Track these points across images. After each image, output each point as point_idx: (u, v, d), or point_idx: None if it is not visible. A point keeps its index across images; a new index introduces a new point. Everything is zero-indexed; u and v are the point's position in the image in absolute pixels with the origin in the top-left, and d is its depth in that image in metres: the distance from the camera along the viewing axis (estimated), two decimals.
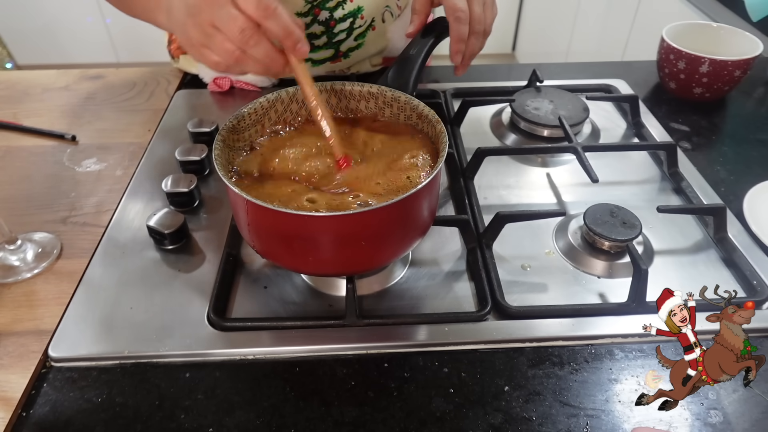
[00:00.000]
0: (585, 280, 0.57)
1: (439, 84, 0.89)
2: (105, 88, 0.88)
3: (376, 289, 0.56)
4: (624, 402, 0.47)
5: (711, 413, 0.46)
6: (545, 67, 0.89)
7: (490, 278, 0.56)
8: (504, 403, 0.47)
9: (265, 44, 0.49)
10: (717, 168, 0.73)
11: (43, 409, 0.46)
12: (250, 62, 0.51)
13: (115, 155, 0.74)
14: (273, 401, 0.47)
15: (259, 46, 0.49)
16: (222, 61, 0.51)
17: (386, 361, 0.50)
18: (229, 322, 0.52)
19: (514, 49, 2.91)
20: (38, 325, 0.52)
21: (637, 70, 0.94)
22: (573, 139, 0.72)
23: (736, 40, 0.86)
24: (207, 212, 0.64)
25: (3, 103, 0.85)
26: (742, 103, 0.88)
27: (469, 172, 0.69)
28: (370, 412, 0.46)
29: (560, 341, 0.51)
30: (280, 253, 0.50)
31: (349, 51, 0.83)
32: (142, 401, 0.47)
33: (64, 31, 2.63)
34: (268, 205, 0.44)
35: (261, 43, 0.49)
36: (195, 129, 0.73)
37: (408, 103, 0.57)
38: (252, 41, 0.49)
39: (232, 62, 0.50)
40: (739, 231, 0.62)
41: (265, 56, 0.50)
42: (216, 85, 0.86)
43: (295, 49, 0.51)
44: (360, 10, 0.79)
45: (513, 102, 0.79)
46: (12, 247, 0.59)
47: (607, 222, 0.58)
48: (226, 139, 0.52)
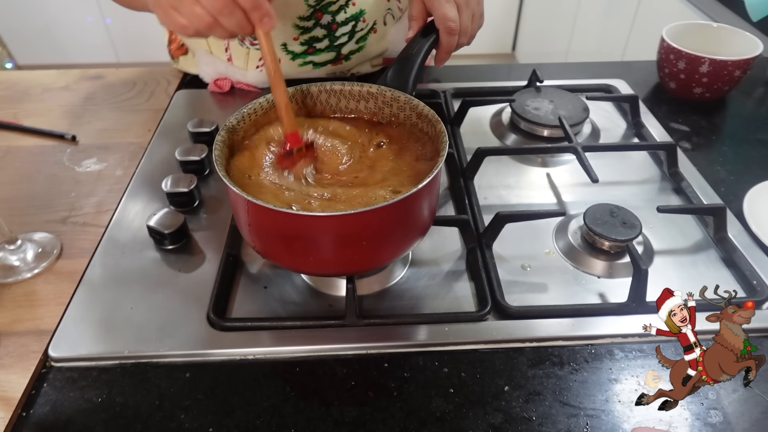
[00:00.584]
0: (585, 280, 0.57)
1: (439, 84, 0.89)
2: (105, 88, 0.88)
3: (376, 289, 0.56)
4: (624, 402, 0.47)
5: (711, 413, 0.46)
6: (545, 67, 0.89)
7: (490, 278, 0.56)
8: (504, 403, 0.47)
9: (237, 14, 0.50)
10: (717, 168, 0.73)
11: (43, 409, 0.46)
12: (219, 29, 0.51)
13: (115, 155, 0.74)
14: (273, 401, 0.47)
15: (231, 16, 0.50)
16: (189, 25, 0.51)
17: (386, 361, 0.50)
18: (229, 322, 0.52)
19: (514, 49, 2.91)
20: (38, 325, 0.52)
21: (637, 70, 0.94)
22: (573, 139, 0.72)
23: (736, 40, 0.86)
24: (207, 212, 0.64)
25: (3, 103, 0.85)
26: (742, 103, 0.88)
27: (469, 172, 0.69)
28: (370, 412, 0.46)
29: (560, 341, 0.51)
30: (281, 254, 0.50)
31: (350, 54, 0.83)
32: (142, 401, 0.47)
33: (64, 31, 2.63)
34: (268, 206, 0.44)
35: (234, 13, 0.50)
36: (195, 129, 0.74)
37: (408, 102, 0.57)
38: (226, 10, 0.49)
39: (202, 27, 0.51)
40: (739, 231, 0.62)
41: (235, 26, 0.51)
42: (216, 86, 0.86)
43: (261, 22, 0.51)
44: (362, 13, 0.79)
45: (513, 102, 0.79)
46: (12, 247, 0.59)
47: (607, 222, 0.58)
48: (226, 139, 0.52)
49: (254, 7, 0.50)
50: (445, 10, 0.62)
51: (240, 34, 0.52)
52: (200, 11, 0.50)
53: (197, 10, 0.50)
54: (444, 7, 0.62)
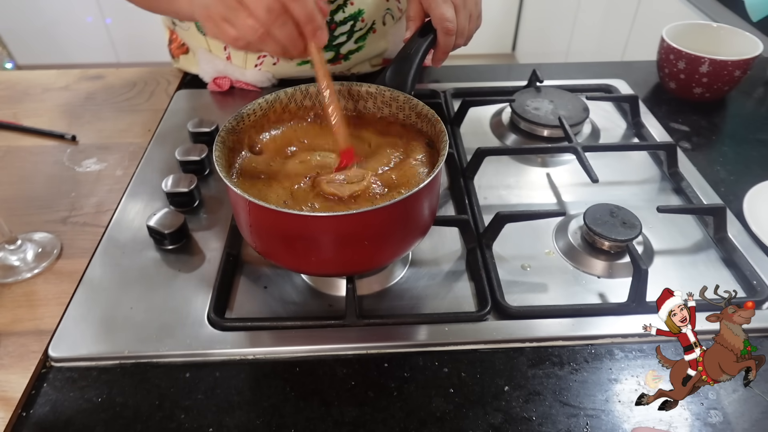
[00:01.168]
0: (585, 280, 0.57)
1: (439, 84, 0.89)
2: (105, 88, 0.88)
3: (376, 289, 0.56)
4: (624, 402, 0.47)
5: (711, 413, 0.46)
6: (545, 67, 0.89)
7: (490, 278, 0.56)
8: (504, 403, 0.47)
9: (290, 26, 0.49)
10: (717, 168, 0.73)
11: (43, 409, 0.46)
12: (271, 42, 0.50)
13: (115, 155, 0.74)
14: (273, 401, 0.47)
15: (284, 27, 0.49)
16: (241, 37, 0.50)
17: (386, 361, 0.50)
18: (229, 322, 0.52)
19: (514, 49, 2.91)
20: (38, 325, 0.52)
21: (637, 70, 0.94)
22: (573, 139, 0.72)
23: (736, 40, 0.86)
24: (207, 212, 0.64)
25: (3, 103, 0.85)
26: (742, 103, 0.88)
27: (469, 172, 0.69)
28: (370, 412, 0.46)
29: (560, 341, 0.51)
30: (282, 254, 0.50)
31: (349, 53, 0.83)
32: (142, 401, 0.47)
33: (64, 31, 2.63)
34: (269, 206, 0.44)
35: (287, 25, 0.49)
36: (195, 129, 0.73)
37: (407, 102, 0.57)
38: (279, 21, 0.49)
39: (254, 39, 0.50)
40: (739, 231, 0.62)
41: (287, 38, 0.50)
42: (216, 85, 0.86)
43: (315, 35, 0.51)
44: (361, 13, 0.79)
45: (513, 102, 0.79)
46: (12, 247, 0.59)
47: (607, 222, 0.58)
48: (225, 140, 0.52)
49: (308, 20, 0.49)
50: (443, 10, 0.62)
51: (291, 48, 0.51)
52: (253, 23, 0.49)
53: (250, 23, 0.49)
54: (441, 7, 0.63)
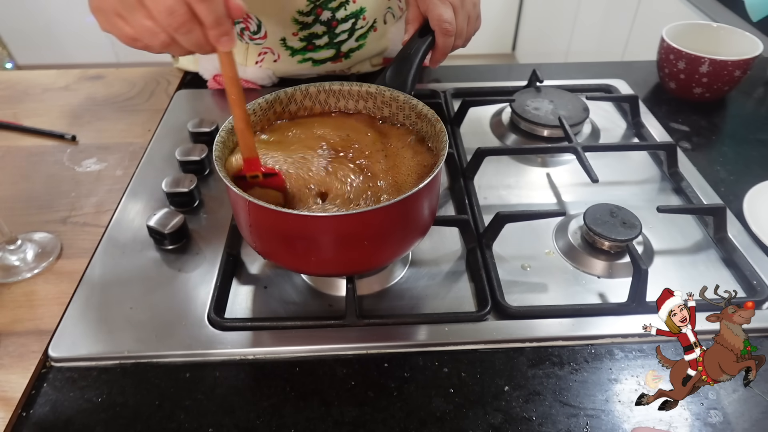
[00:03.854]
0: (585, 280, 0.57)
1: (439, 84, 0.89)
2: (105, 88, 0.88)
3: (376, 289, 0.56)
4: (624, 402, 0.47)
5: (711, 413, 0.46)
6: (545, 67, 0.89)
7: (490, 278, 0.56)
8: (504, 403, 0.47)
9: (196, 33, 0.43)
10: (717, 168, 0.73)
11: (43, 409, 0.46)
12: (176, 48, 0.45)
13: (115, 155, 0.74)
14: (273, 401, 0.47)
15: (190, 35, 0.43)
16: (139, 38, 0.44)
17: (386, 361, 0.50)
18: (229, 322, 0.52)
19: (514, 49, 2.91)
20: (38, 325, 0.52)
21: (637, 70, 0.94)
22: (573, 139, 0.72)
23: (736, 40, 0.86)
24: (207, 212, 0.64)
25: (3, 103, 0.85)
26: (742, 103, 0.88)
27: (469, 172, 0.69)
28: (370, 412, 0.46)
29: (560, 341, 0.51)
30: (282, 254, 0.50)
31: (350, 52, 0.83)
32: (142, 401, 0.47)
33: (64, 31, 2.63)
34: (269, 206, 0.44)
35: (193, 32, 0.42)
36: (195, 129, 0.74)
37: (407, 102, 0.57)
38: (184, 28, 0.42)
39: (156, 44, 0.44)
40: (739, 231, 0.62)
41: (194, 46, 0.44)
42: (216, 83, 0.86)
43: (219, 41, 0.44)
44: (362, 11, 0.80)
45: (513, 102, 0.79)
46: (12, 247, 0.59)
47: (607, 222, 0.58)
48: (225, 140, 0.52)
49: (214, 24, 0.42)
50: (441, 11, 0.62)
51: (198, 52, 0.46)
52: (152, 26, 0.42)
53: (148, 24, 0.42)
54: (439, 8, 0.63)
